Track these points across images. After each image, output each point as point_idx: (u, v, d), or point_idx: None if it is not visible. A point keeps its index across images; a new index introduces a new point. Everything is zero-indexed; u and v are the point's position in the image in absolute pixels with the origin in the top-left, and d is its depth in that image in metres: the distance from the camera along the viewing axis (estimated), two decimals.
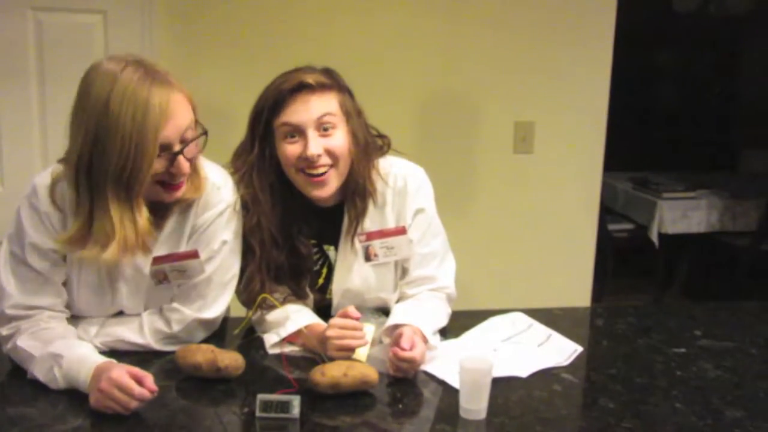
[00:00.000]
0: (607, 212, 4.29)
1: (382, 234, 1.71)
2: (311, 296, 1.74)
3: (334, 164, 1.62)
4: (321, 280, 1.75)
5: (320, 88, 1.61)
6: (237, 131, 2.79)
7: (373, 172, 1.69)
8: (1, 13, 2.59)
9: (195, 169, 1.57)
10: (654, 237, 4.32)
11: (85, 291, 1.57)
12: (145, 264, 1.58)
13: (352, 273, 1.72)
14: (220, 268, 1.63)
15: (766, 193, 4.37)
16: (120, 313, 1.63)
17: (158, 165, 1.44)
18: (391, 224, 1.72)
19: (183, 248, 1.60)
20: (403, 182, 1.73)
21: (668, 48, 6.11)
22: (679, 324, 1.86)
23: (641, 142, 5.76)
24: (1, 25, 2.60)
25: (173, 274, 1.59)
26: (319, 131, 1.60)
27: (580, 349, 1.66)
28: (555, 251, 3.13)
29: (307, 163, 1.60)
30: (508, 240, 3.10)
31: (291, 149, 1.61)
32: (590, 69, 3.01)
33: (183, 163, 1.47)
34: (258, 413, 1.34)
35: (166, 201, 1.54)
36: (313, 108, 1.60)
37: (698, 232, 4.40)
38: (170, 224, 1.59)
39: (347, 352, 1.52)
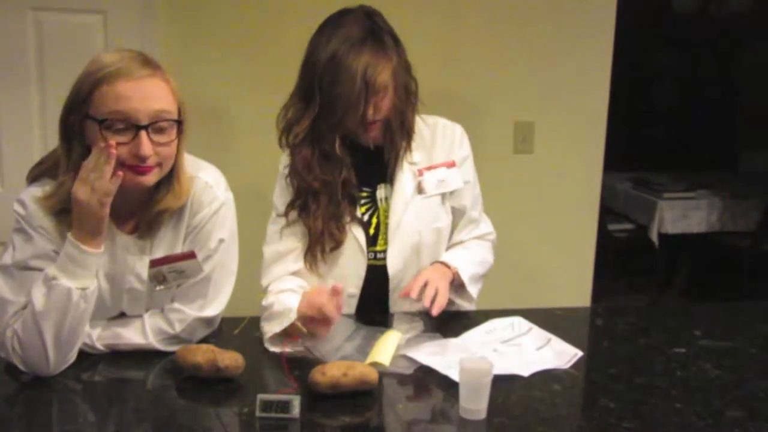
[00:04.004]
0: (607, 212, 4.30)
1: (434, 167, 1.84)
2: (358, 232, 1.79)
3: (380, 119, 1.74)
4: (372, 230, 1.81)
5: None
6: (236, 130, 2.80)
7: (413, 111, 1.81)
8: (0, 13, 2.59)
9: (176, 177, 1.55)
10: (654, 237, 4.33)
11: None
12: (143, 269, 1.58)
13: (408, 208, 1.80)
14: (218, 266, 1.63)
15: (766, 193, 4.38)
16: (121, 314, 1.64)
17: (120, 139, 1.43)
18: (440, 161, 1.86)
19: (179, 249, 1.60)
20: (451, 130, 1.91)
21: (668, 48, 6.12)
22: (679, 324, 1.86)
23: (641, 142, 5.77)
24: (1, 25, 2.59)
25: (172, 275, 1.59)
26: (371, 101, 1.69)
27: (580, 353, 1.64)
28: (555, 251, 3.13)
29: None
30: (507, 240, 3.09)
31: None
32: (590, 69, 3.01)
33: (145, 143, 1.44)
34: (258, 413, 1.34)
35: (134, 186, 1.49)
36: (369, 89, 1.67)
37: (698, 232, 4.41)
38: (165, 226, 1.59)
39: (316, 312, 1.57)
